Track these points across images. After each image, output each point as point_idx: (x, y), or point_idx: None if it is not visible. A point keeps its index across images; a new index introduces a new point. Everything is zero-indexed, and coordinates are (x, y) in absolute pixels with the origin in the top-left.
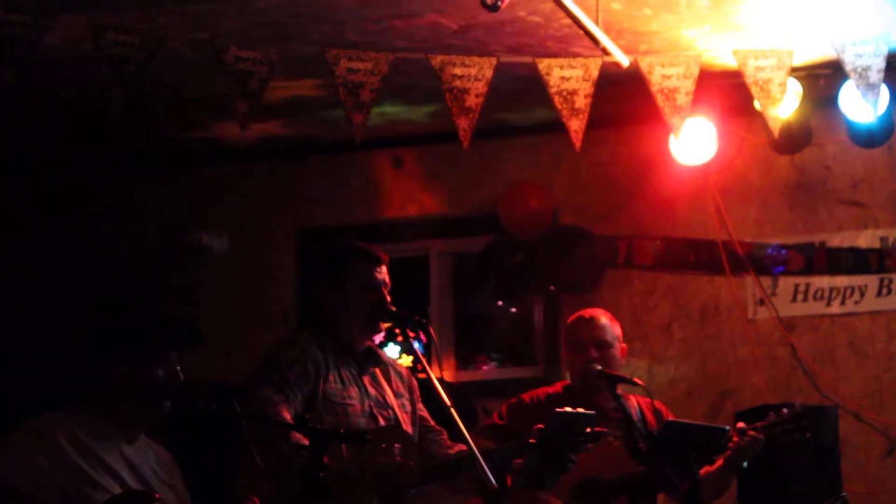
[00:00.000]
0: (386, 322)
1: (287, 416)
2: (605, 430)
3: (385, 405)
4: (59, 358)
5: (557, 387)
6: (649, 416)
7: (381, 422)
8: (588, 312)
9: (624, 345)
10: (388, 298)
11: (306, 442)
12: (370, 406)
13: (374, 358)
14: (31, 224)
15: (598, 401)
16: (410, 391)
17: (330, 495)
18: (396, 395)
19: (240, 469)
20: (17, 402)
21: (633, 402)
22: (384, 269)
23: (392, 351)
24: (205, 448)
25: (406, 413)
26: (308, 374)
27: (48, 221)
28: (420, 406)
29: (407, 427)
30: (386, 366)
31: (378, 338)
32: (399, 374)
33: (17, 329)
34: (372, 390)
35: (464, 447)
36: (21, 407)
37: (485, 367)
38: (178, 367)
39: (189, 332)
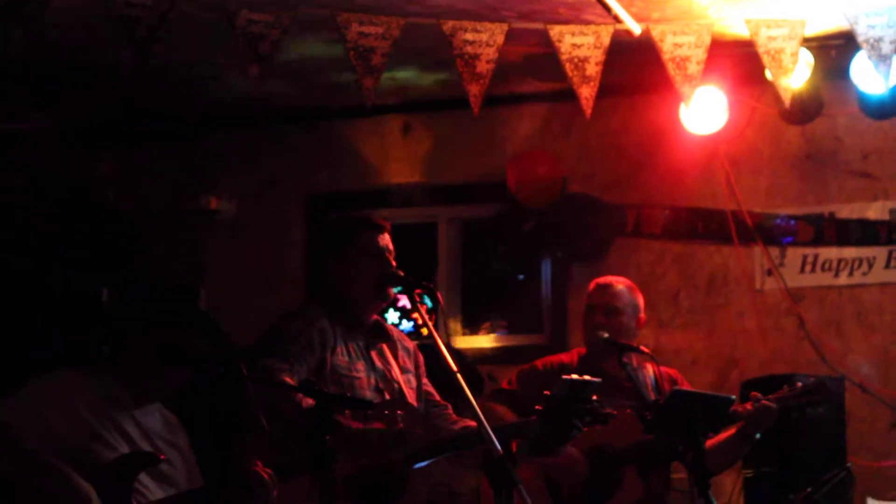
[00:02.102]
0: (394, 287)
1: (290, 382)
2: (614, 412)
3: (391, 380)
4: (69, 324)
5: (573, 354)
6: (664, 384)
7: (387, 396)
8: (605, 279)
9: (643, 315)
10: (394, 264)
11: (311, 402)
12: (376, 380)
13: (381, 332)
14: (38, 189)
15: (610, 369)
16: (417, 367)
17: (334, 459)
18: (403, 370)
19: (244, 432)
20: (28, 364)
21: (649, 371)
22: (386, 236)
23: (393, 316)
24: (210, 410)
25: (412, 388)
26: (313, 345)
27: (56, 186)
28: (426, 381)
29: (412, 402)
30: (394, 341)
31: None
32: (406, 349)
33: (26, 293)
34: (378, 364)
35: (468, 422)
36: (33, 368)
37: (491, 335)
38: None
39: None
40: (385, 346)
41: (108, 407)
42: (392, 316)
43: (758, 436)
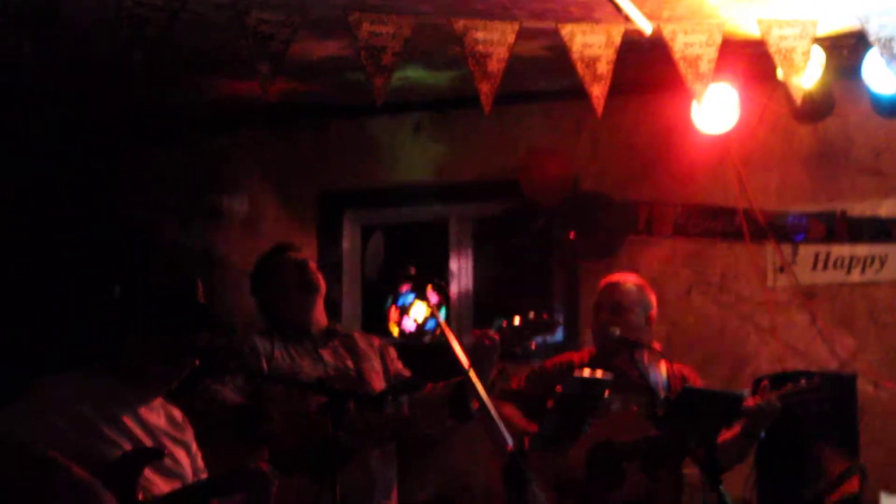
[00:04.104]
0: (314, 285)
1: (228, 394)
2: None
3: (346, 368)
4: (76, 325)
5: (584, 353)
6: (676, 382)
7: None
8: (615, 276)
9: (654, 312)
10: (312, 269)
11: (236, 400)
12: (326, 371)
13: (333, 332)
14: (49, 189)
15: (621, 366)
16: (382, 355)
17: (344, 452)
18: (363, 358)
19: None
20: (32, 366)
21: (662, 369)
22: (296, 253)
23: (419, 312)
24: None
25: (375, 372)
26: (245, 359)
27: (66, 186)
28: (397, 367)
29: (378, 383)
30: (350, 338)
31: (406, 298)
32: (369, 343)
33: (33, 296)
34: (330, 359)
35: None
36: (36, 371)
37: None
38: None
39: (200, 316)
40: (338, 343)
41: (111, 405)
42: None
43: (762, 434)
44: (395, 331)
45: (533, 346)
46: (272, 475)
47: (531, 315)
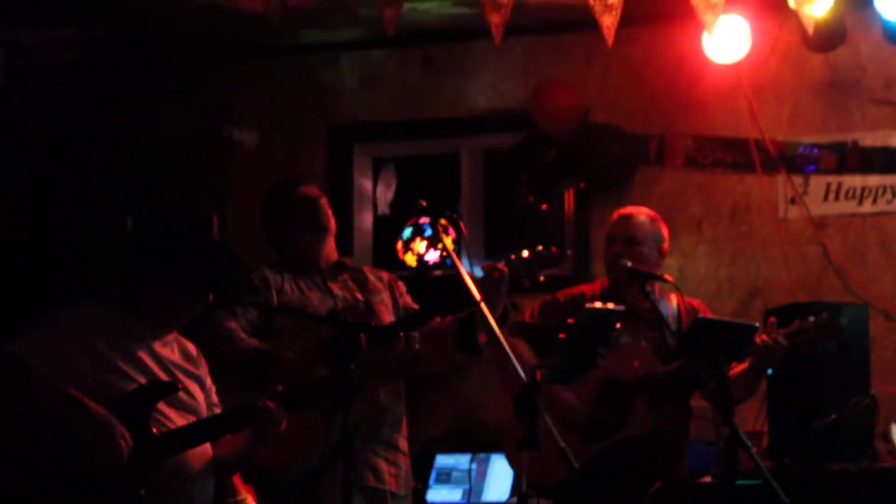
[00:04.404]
0: (322, 223)
1: (244, 337)
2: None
3: (356, 301)
4: (90, 257)
5: (595, 285)
6: (686, 315)
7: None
8: (627, 209)
9: (665, 245)
10: (322, 204)
11: (253, 343)
12: (336, 304)
13: (342, 266)
14: (60, 118)
15: (632, 299)
16: (391, 288)
17: (356, 386)
18: (372, 292)
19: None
20: (47, 295)
21: (673, 302)
22: (313, 187)
23: (422, 246)
24: None
25: (385, 305)
26: (256, 291)
27: (78, 116)
28: (406, 300)
29: (388, 316)
30: (360, 272)
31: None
32: (378, 277)
33: (46, 224)
34: (339, 292)
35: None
36: (52, 300)
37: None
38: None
39: (215, 251)
40: (347, 277)
41: (125, 339)
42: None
43: (769, 371)
44: (411, 260)
45: (542, 279)
46: (279, 412)
47: (540, 248)
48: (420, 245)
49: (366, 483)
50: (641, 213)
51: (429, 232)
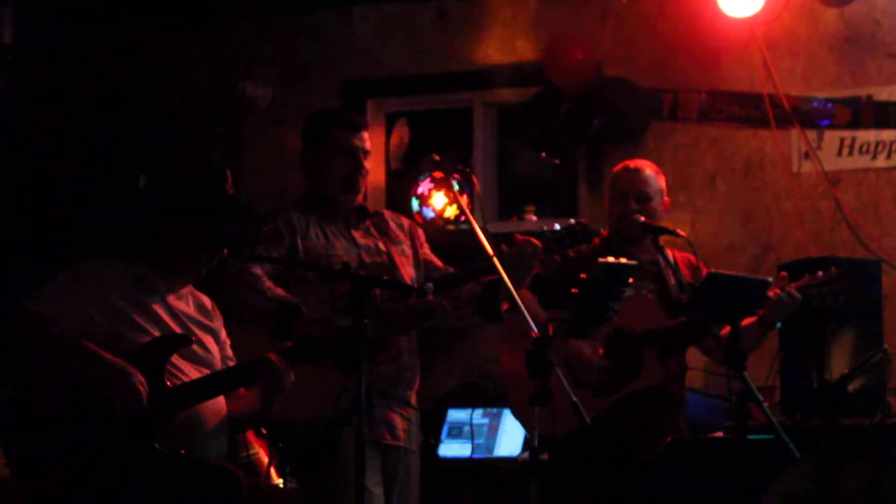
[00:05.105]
0: (357, 187)
1: (270, 284)
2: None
3: (378, 252)
4: (105, 214)
5: (595, 241)
6: (684, 270)
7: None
8: (633, 163)
9: (667, 198)
10: (365, 164)
11: (280, 292)
12: (359, 254)
13: (364, 212)
14: (74, 79)
15: (634, 252)
16: (412, 238)
17: (369, 340)
18: (394, 242)
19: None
20: (63, 251)
21: (670, 256)
22: (364, 135)
23: (439, 201)
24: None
25: (405, 257)
26: (281, 234)
27: (91, 74)
28: (426, 251)
29: (407, 268)
30: (383, 218)
31: (425, 186)
32: (399, 224)
33: (62, 182)
34: (363, 241)
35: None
36: (68, 256)
37: (528, 218)
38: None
39: (229, 206)
40: (370, 224)
41: (140, 292)
42: (439, 200)
43: (778, 325)
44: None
45: (571, 254)
46: (283, 365)
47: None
48: (438, 199)
49: (382, 440)
50: (647, 167)
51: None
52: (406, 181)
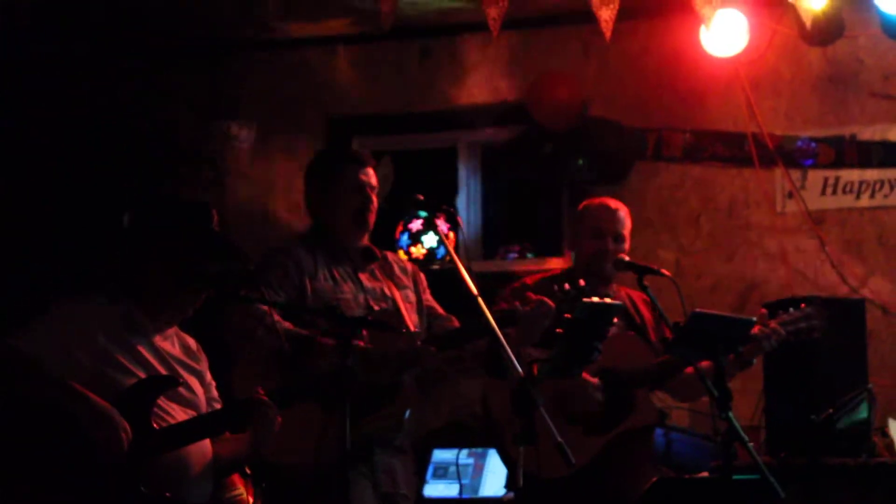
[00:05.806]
0: (367, 222)
1: (266, 308)
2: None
3: (384, 297)
4: (89, 249)
5: (556, 270)
6: (642, 307)
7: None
8: (612, 203)
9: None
10: (374, 199)
11: (287, 325)
12: (366, 299)
13: (371, 255)
14: (59, 112)
15: (598, 288)
16: (415, 283)
17: (356, 380)
18: (399, 286)
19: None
20: (47, 289)
21: (623, 294)
22: (370, 171)
23: (430, 240)
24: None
25: (410, 302)
26: (289, 274)
27: (77, 110)
28: (427, 297)
29: (412, 315)
30: (388, 262)
31: (417, 226)
32: (403, 268)
33: (48, 218)
34: (369, 284)
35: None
36: (52, 294)
37: (511, 258)
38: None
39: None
40: (376, 267)
41: (125, 333)
42: (430, 239)
43: (753, 361)
44: (418, 252)
45: (529, 282)
46: (271, 407)
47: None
48: (430, 239)
49: (383, 488)
50: (622, 208)
51: (424, 226)
52: (390, 220)
